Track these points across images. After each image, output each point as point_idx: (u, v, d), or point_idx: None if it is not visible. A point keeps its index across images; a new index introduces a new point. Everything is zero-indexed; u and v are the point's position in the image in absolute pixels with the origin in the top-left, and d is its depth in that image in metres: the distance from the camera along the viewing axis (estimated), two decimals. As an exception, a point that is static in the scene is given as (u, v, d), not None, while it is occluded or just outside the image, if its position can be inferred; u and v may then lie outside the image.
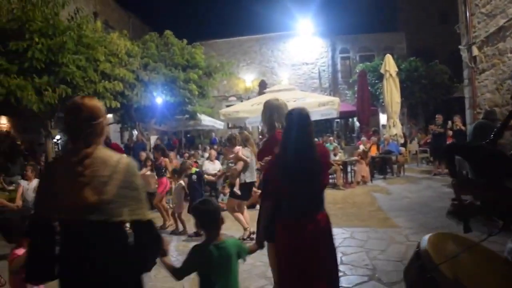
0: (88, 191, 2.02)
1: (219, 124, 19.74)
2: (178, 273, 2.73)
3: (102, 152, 2.21)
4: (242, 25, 31.41)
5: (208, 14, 33.30)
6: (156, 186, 9.01)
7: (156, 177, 9.22)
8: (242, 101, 21.90)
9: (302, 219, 2.94)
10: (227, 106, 20.37)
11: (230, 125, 23.12)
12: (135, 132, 17.11)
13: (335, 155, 13.04)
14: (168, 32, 15.12)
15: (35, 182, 6.80)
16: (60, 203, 2.04)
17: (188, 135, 23.57)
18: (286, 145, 3.01)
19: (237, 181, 7.09)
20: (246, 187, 7.13)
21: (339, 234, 6.63)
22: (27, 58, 8.53)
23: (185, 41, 15.32)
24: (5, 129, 14.68)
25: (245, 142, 7.36)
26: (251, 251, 2.99)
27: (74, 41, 9.37)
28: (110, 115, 16.27)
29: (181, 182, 8.04)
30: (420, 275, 2.34)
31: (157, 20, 24.53)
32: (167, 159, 9.08)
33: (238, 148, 7.27)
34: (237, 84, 26.60)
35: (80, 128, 2.21)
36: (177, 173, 8.25)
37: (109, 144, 14.91)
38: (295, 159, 2.92)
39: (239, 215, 7.02)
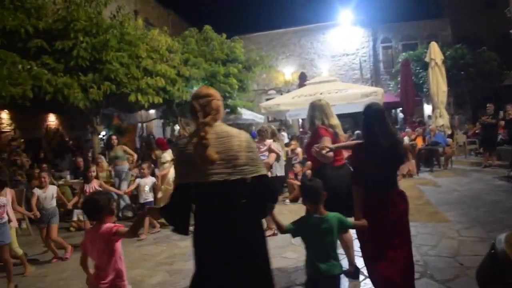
0: (228, 157, 2.57)
1: (259, 118, 19.68)
2: (283, 230, 3.21)
3: (223, 127, 2.70)
4: (281, 18, 31.25)
5: (247, 8, 33.22)
6: None
7: None
8: (282, 94, 21.75)
9: (387, 194, 3.55)
10: (267, 99, 20.28)
11: (270, 119, 23.06)
12: (177, 127, 17.29)
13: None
14: (207, 27, 15.17)
15: (51, 189, 6.65)
16: (203, 170, 2.54)
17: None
18: (373, 135, 3.54)
19: (269, 174, 6.93)
20: (278, 181, 7.09)
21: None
22: (72, 57, 8.74)
23: (224, 35, 15.32)
24: (54, 127, 15.17)
25: (273, 137, 7.29)
26: (356, 226, 3.44)
27: (117, 38, 9.53)
28: (152, 111, 16.57)
29: None
30: (498, 279, 2.18)
31: (196, 16, 24.63)
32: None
33: (269, 141, 7.21)
34: (276, 77, 26.45)
35: (204, 109, 2.70)
36: None
37: (153, 140, 15.18)
38: (383, 147, 3.47)
39: None
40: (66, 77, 8.63)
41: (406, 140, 13.44)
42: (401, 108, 20.06)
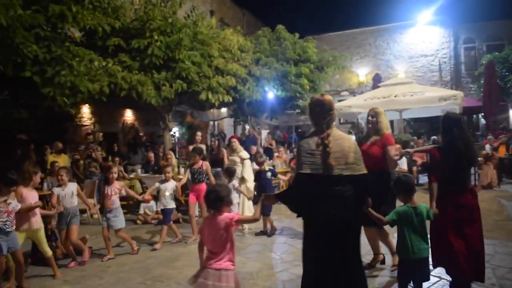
0: (341, 156, 3.20)
1: (330, 119, 19.34)
2: (384, 222, 3.79)
3: (336, 131, 3.33)
4: (356, 17, 30.60)
5: (321, 7, 32.89)
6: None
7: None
8: (355, 95, 21.25)
9: (459, 191, 4.16)
10: (339, 100, 19.86)
11: (342, 121, 22.63)
12: (247, 126, 17.44)
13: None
14: (280, 27, 15.12)
15: (70, 186, 6.07)
16: (324, 165, 3.17)
17: (299, 130, 23.49)
18: (453, 141, 4.15)
19: None
20: None
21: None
22: (147, 55, 9.04)
23: (297, 35, 15.20)
24: (130, 122, 15.84)
25: None
26: (435, 214, 4.00)
27: (190, 38, 9.73)
28: (223, 109, 16.80)
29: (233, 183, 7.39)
30: None
31: (271, 15, 24.79)
32: (207, 163, 7.83)
33: None
34: (350, 78, 25.88)
35: (324, 115, 3.32)
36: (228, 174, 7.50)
37: (223, 138, 15.40)
38: (460, 151, 4.10)
39: None
40: (140, 74, 8.95)
41: (487, 148, 12.59)
42: (483, 114, 18.85)
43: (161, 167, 9.35)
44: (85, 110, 13.70)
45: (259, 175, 7.86)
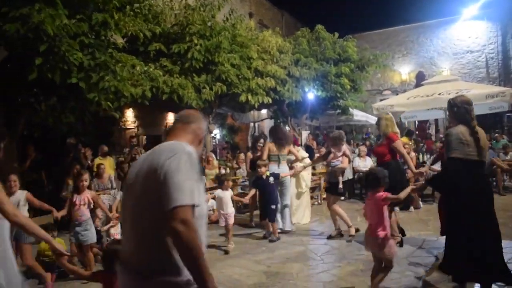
0: (484, 145, 4.19)
1: (372, 119, 19.02)
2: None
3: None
4: (397, 14, 29.86)
5: (361, 6, 32.36)
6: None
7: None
8: (397, 94, 20.82)
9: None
10: (381, 100, 19.54)
11: (384, 120, 22.17)
12: (287, 127, 17.41)
13: (505, 153, 11.55)
14: (319, 27, 15.02)
15: (18, 195, 5.35)
16: (477, 152, 4.10)
17: (340, 131, 23.22)
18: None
19: (340, 179, 7.15)
20: (349, 184, 7.76)
21: (508, 248, 5.22)
22: (187, 59, 9.22)
23: (336, 34, 15.05)
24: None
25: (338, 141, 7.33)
26: None
27: (229, 40, 9.85)
28: (263, 111, 16.85)
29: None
30: None
31: (310, 15, 24.66)
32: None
33: (344, 147, 7.33)
34: (392, 77, 25.37)
35: (470, 111, 4.28)
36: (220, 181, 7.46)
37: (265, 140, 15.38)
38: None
39: (341, 210, 7.19)
40: (181, 78, 9.13)
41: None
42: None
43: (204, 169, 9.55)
44: (129, 114, 14.07)
45: (258, 181, 7.47)
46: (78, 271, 3.14)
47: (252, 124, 19.28)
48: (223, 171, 10.18)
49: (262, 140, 8.87)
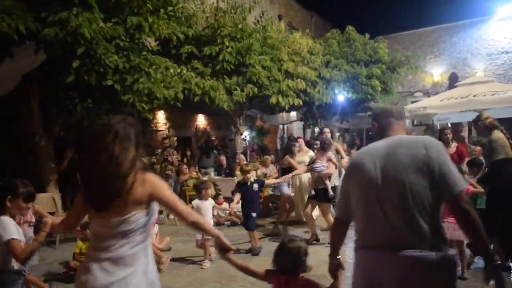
0: None
1: (403, 121, 18.73)
2: None
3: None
4: (429, 15, 29.40)
5: (392, 6, 31.99)
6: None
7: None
8: (429, 96, 20.41)
9: None
10: (413, 102, 19.22)
11: (415, 122, 21.82)
12: (317, 130, 17.32)
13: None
14: (349, 28, 14.91)
15: None
16: None
17: (370, 133, 22.96)
18: None
19: (328, 183, 6.93)
20: (335, 190, 7.03)
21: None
22: (218, 61, 9.31)
23: (367, 35, 14.92)
24: (203, 126, 16.27)
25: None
26: None
27: (260, 42, 9.90)
28: (293, 113, 16.82)
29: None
30: None
31: (339, 17, 24.48)
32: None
33: (330, 153, 7.19)
34: (423, 79, 24.88)
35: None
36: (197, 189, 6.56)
37: (293, 141, 15.36)
38: None
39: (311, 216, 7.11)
40: (212, 80, 9.23)
41: None
42: None
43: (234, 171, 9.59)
44: (161, 115, 14.26)
45: (242, 187, 6.78)
46: (248, 267, 2.90)
47: (281, 126, 19.27)
48: (253, 173, 10.18)
49: (298, 144, 8.73)
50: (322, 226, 7.65)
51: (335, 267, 2.76)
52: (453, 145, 7.56)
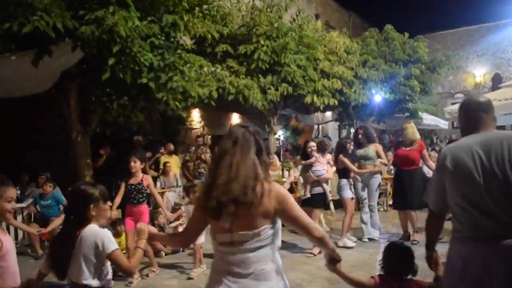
0: None
1: (443, 124, 18.22)
2: None
3: None
4: (472, 13, 28.44)
5: (432, 5, 31.20)
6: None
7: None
8: (470, 97, 19.78)
9: None
10: (453, 103, 18.66)
11: (455, 125, 21.19)
12: (352, 130, 17.07)
13: None
14: (388, 27, 14.60)
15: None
16: None
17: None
18: None
19: (326, 187, 6.74)
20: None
21: None
22: (253, 59, 9.29)
23: (406, 34, 14.57)
24: (236, 126, 16.30)
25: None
26: None
27: (296, 41, 9.82)
28: (328, 113, 16.62)
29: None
30: None
31: (378, 16, 23.98)
32: (148, 177, 6.26)
33: (329, 156, 7.00)
34: (465, 79, 24.15)
35: None
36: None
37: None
38: None
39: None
40: (247, 79, 9.22)
41: None
42: None
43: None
44: (195, 114, 14.36)
45: None
46: (354, 278, 2.81)
47: (316, 126, 19.08)
48: (286, 173, 10.10)
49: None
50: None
51: (435, 260, 2.73)
52: None
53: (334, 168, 7.24)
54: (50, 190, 6.79)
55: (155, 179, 8.25)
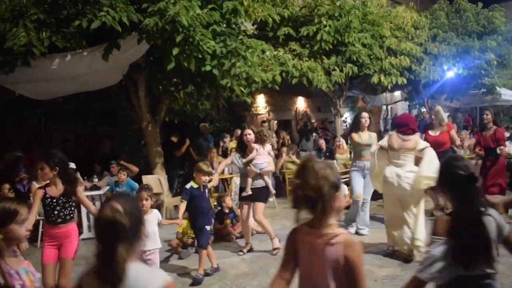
0: None
1: (523, 99, 17.00)
2: None
3: None
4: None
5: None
6: None
7: None
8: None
9: None
10: (535, 75, 17.32)
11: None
12: (423, 110, 16.38)
13: None
14: (460, -2, 13.77)
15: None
16: None
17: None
18: None
19: (269, 181, 6.21)
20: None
21: None
22: (316, 41, 9.15)
23: (480, 4, 13.66)
24: (302, 109, 16.19)
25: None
26: None
27: (359, 19, 9.56)
28: (397, 92, 16.06)
29: None
30: None
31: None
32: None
33: (269, 147, 6.56)
34: (548, 49, 22.32)
35: None
36: None
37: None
38: None
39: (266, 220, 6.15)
40: (310, 61, 9.10)
41: None
42: None
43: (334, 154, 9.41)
44: (260, 99, 14.41)
45: (192, 192, 5.17)
46: None
47: (384, 107, 18.53)
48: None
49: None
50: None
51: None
52: None
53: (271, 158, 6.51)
54: (124, 178, 7.08)
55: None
